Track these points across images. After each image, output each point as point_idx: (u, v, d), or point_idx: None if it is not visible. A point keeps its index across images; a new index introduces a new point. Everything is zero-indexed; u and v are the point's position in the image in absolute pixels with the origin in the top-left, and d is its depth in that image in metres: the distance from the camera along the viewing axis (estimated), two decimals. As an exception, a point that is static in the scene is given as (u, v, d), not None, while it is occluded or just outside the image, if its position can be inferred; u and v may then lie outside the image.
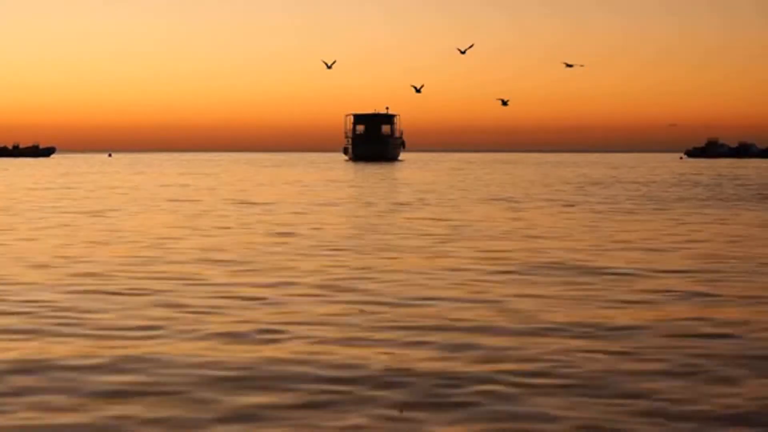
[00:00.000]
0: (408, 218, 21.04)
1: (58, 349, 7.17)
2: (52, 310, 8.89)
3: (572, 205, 26.33)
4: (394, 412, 5.49)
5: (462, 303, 9.36)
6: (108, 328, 8.03)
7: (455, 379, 6.26)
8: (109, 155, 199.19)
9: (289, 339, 7.58)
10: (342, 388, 6.04)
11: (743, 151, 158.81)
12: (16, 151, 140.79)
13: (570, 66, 68.08)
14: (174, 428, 5.16)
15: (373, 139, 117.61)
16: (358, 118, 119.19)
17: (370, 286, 10.55)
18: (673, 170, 72.31)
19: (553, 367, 6.62)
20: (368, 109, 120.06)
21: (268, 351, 7.13)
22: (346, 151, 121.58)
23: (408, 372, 6.47)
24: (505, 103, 79.73)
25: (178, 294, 9.94)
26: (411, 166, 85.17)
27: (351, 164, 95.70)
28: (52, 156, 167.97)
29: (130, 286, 10.47)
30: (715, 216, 22.16)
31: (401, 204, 26.79)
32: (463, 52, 66.46)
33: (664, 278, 11.24)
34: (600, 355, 7.00)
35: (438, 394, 5.91)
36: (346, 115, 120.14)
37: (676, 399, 5.81)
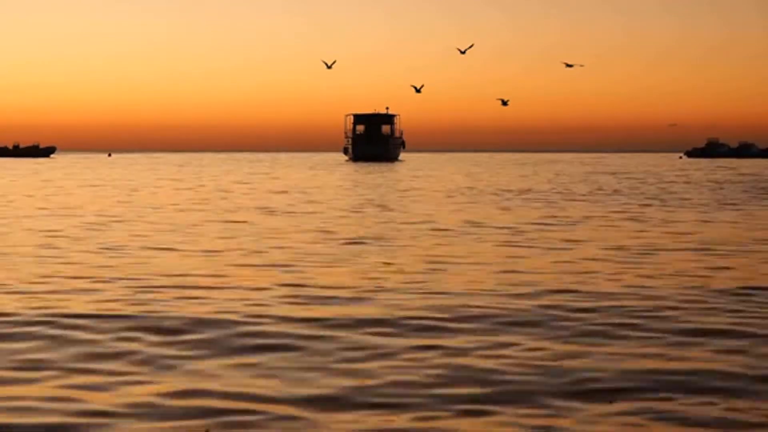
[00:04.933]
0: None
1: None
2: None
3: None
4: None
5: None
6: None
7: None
8: (109, 155, 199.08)
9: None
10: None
11: (744, 151, 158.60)
12: (16, 151, 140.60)
13: (570, 66, 67.99)
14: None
15: (373, 139, 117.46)
16: (358, 118, 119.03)
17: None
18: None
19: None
20: (368, 109, 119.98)
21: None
22: (346, 151, 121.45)
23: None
24: (505, 103, 79.62)
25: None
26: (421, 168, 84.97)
27: (351, 164, 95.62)
28: (52, 156, 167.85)
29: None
30: None
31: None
32: (463, 52, 66.38)
33: None
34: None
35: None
36: (346, 115, 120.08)
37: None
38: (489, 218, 21.63)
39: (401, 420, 5.57)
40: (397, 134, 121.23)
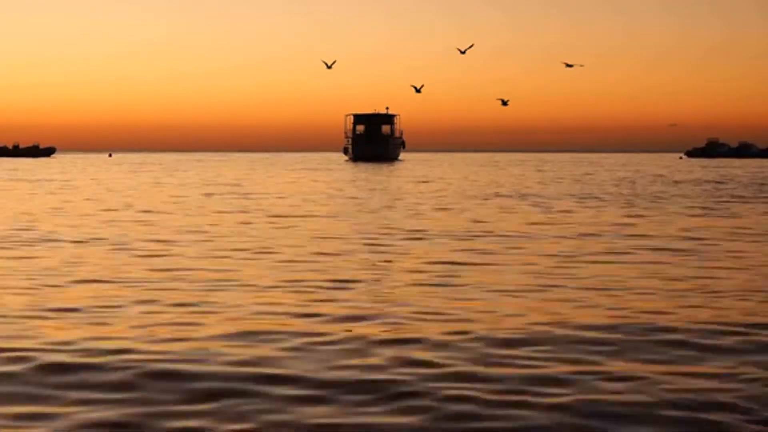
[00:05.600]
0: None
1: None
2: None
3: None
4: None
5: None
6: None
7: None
8: (110, 155, 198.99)
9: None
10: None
11: (744, 151, 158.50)
12: (16, 151, 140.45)
13: (570, 66, 67.94)
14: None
15: (373, 139, 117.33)
16: (358, 118, 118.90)
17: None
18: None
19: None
20: (368, 109, 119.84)
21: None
22: (346, 151, 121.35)
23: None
24: (505, 103, 79.57)
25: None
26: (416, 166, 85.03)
27: (351, 164, 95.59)
28: (53, 156, 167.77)
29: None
30: None
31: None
32: (463, 52, 66.34)
33: None
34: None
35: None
36: (346, 115, 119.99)
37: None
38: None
39: None
40: (397, 134, 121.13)
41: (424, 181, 44.35)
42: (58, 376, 6.73)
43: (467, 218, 21.61)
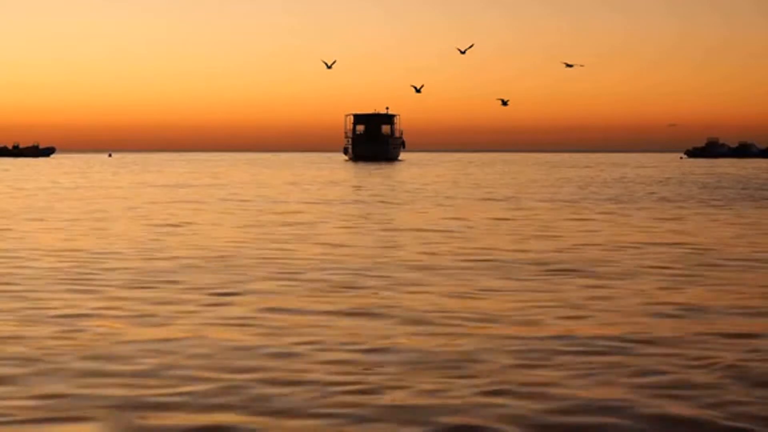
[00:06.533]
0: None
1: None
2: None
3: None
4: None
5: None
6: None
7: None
8: (110, 155, 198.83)
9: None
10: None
11: (743, 151, 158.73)
12: (16, 151, 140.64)
13: (570, 66, 67.96)
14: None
15: (373, 139, 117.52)
16: (358, 118, 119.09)
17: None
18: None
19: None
20: (368, 109, 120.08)
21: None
22: (346, 151, 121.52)
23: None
24: (505, 103, 79.61)
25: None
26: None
27: (351, 164, 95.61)
28: (52, 156, 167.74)
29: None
30: None
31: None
32: (463, 52, 66.35)
33: None
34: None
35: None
36: (346, 115, 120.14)
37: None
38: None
39: None
40: (397, 134, 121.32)
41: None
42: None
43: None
